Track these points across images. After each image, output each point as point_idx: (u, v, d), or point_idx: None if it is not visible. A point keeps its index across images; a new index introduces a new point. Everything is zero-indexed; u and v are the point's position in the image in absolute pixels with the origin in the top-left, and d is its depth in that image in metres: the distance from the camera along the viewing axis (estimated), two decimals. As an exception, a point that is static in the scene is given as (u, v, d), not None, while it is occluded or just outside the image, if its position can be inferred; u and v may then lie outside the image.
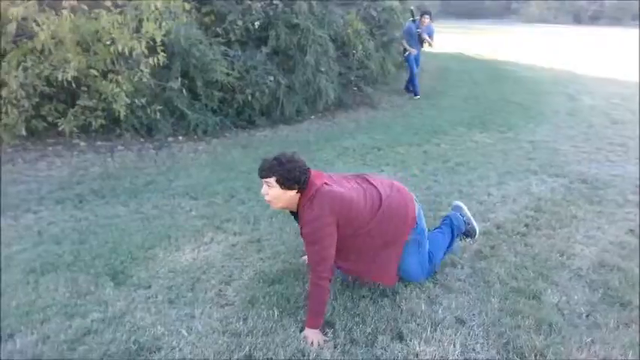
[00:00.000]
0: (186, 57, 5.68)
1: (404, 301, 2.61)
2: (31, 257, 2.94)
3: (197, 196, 4.02)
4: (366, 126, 6.80)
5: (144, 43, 4.98)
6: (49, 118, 5.14)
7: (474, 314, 2.52)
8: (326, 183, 2.39)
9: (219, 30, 6.20)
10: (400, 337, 2.33)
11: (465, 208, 3.16)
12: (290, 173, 2.30)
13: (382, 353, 2.21)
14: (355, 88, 8.13)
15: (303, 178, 2.33)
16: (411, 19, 8.56)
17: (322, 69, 6.86)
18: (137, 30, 5.06)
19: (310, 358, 2.16)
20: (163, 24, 5.07)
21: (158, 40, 5.07)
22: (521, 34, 26.47)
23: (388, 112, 7.74)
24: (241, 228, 3.45)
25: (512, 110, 7.79)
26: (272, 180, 2.32)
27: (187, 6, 5.63)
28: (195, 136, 5.75)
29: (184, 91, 5.69)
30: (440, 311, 2.55)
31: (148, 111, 5.44)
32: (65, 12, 4.64)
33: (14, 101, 4.68)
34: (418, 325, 2.42)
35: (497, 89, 9.77)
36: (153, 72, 5.32)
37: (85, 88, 5.16)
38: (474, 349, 2.27)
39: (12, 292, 2.60)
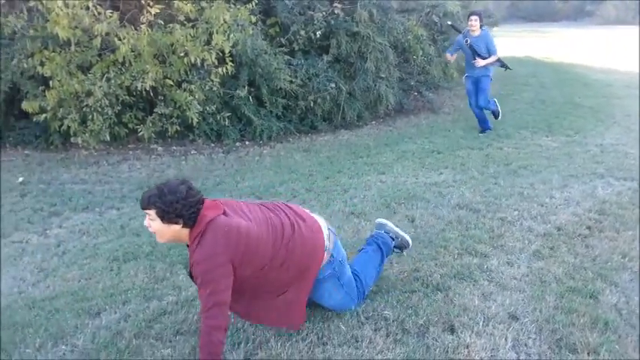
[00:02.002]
0: (253, 66, 5.99)
1: (457, 296, 2.68)
2: (115, 247, 3.28)
3: (261, 195, 4.27)
4: (427, 130, 6.83)
5: (214, 55, 5.33)
6: (130, 125, 5.60)
7: (527, 311, 2.55)
8: (224, 213, 2.08)
9: (283, 40, 6.49)
10: (452, 330, 2.40)
11: (388, 223, 2.94)
12: (171, 206, 1.98)
13: (433, 343, 2.30)
14: (416, 94, 8.17)
15: (188, 212, 2.00)
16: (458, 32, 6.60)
17: (382, 75, 6.98)
18: (208, 42, 5.42)
19: (364, 344, 2.29)
20: (231, 36, 5.40)
21: (227, 51, 5.40)
22: (595, 36, 25.21)
23: (450, 116, 7.72)
24: (302, 225, 3.63)
25: (581, 114, 7.53)
26: (152, 212, 2.02)
27: (253, 18, 5.94)
28: (261, 141, 6.04)
29: (251, 98, 6.01)
30: (493, 307, 2.59)
31: (218, 118, 5.80)
32: (143, 27, 5.06)
33: (99, 109, 5.16)
34: (470, 319, 2.48)
35: (565, 92, 9.46)
36: (222, 81, 5.67)
37: (161, 97, 5.58)
38: (525, 344, 2.31)
39: (98, 276, 2.92)
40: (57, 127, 5.33)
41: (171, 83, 5.44)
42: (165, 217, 2.01)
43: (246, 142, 6.05)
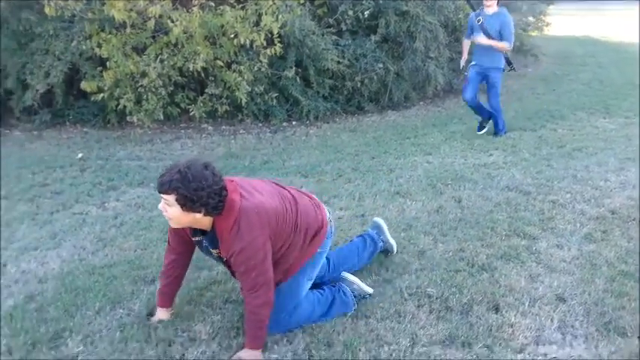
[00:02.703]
0: (300, 47, 6.01)
1: (503, 277, 2.66)
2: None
3: (307, 174, 4.33)
4: (477, 112, 6.67)
5: (263, 36, 5.38)
6: (182, 105, 5.77)
7: (575, 293, 2.50)
8: (241, 195, 1.97)
9: (330, 20, 6.46)
10: (496, 309, 2.39)
11: (356, 281, 2.49)
12: (195, 194, 1.82)
13: (477, 321, 2.30)
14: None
15: (214, 201, 1.86)
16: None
17: (432, 55, 6.85)
18: (257, 23, 5.47)
19: (406, 319, 2.32)
20: (280, 17, 5.43)
21: (275, 32, 5.44)
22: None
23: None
24: (347, 204, 3.67)
25: (643, 94, 7.14)
26: (170, 198, 1.86)
27: (302, -1, 5.96)
28: (307, 121, 6.09)
29: (298, 79, 6.04)
30: (540, 288, 2.56)
31: (266, 98, 5.88)
32: (195, 9, 5.17)
33: (153, 89, 5.33)
34: (516, 299, 2.46)
35: (625, 73, 8.98)
36: (270, 62, 5.73)
37: (212, 78, 5.71)
38: (572, 326, 2.28)
39: (153, 247, 3.06)
40: (114, 107, 5.56)
41: (221, 64, 5.55)
42: (187, 204, 1.84)
43: (293, 123, 6.12)
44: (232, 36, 5.37)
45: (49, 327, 2.28)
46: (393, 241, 2.87)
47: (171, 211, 1.90)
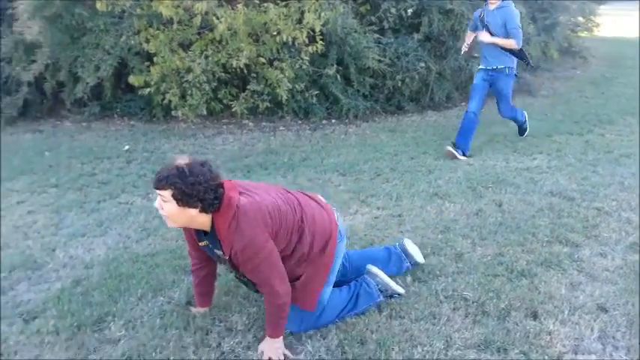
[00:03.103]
0: (342, 45, 6.02)
1: (543, 283, 2.60)
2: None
3: (345, 172, 4.34)
4: (521, 114, 6.52)
5: (305, 33, 5.42)
6: (225, 101, 5.88)
7: (618, 304, 2.43)
8: (240, 193, 1.98)
9: (373, 18, 6.43)
10: (534, 316, 2.35)
11: (380, 274, 2.47)
12: (192, 188, 1.84)
13: (514, 327, 2.26)
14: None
15: (209, 197, 1.87)
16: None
17: (476, 54, 6.72)
18: (299, 21, 5.51)
19: (441, 321, 2.31)
20: (322, 14, 5.45)
21: (317, 29, 5.47)
22: None
23: (548, 99, 7.29)
24: (384, 203, 3.67)
25: (700, 100, 6.81)
26: (167, 194, 1.87)
27: (344, -5, 5.97)
28: (347, 120, 6.09)
29: (339, 77, 6.05)
30: (581, 297, 2.49)
31: (306, 95, 5.92)
32: (240, 6, 5.26)
33: (197, 85, 5.46)
34: (555, 307, 2.41)
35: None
36: (311, 59, 5.76)
37: (254, 75, 5.79)
38: (613, 337, 2.21)
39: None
40: (159, 101, 5.72)
41: (264, 61, 5.62)
42: (184, 199, 1.85)
43: (333, 120, 6.13)
44: (275, 33, 5.43)
45: (93, 311, 2.39)
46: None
47: (168, 208, 1.91)
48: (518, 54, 4.61)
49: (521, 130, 5.25)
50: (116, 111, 6.21)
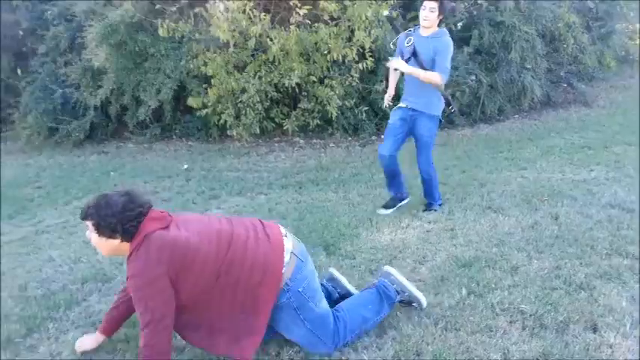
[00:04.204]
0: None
1: (602, 296, 2.54)
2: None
3: (396, 187, 4.37)
4: (577, 125, 6.35)
5: (355, 51, 5.55)
6: (276, 120, 6.07)
7: (685, 318, 2.34)
8: (167, 227, 1.95)
9: (422, 34, 6.48)
10: (594, 329, 2.30)
11: (395, 274, 2.46)
12: (105, 220, 1.89)
13: (573, 340, 2.22)
14: (566, 85, 7.61)
15: (123, 227, 1.89)
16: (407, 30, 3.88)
17: (528, 66, 6.64)
18: (349, 39, 5.65)
19: (498, 334, 2.30)
20: (372, 32, 5.57)
21: (367, 47, 5.58)
22: None
23: (605, 110, 7.07)
24: (436, 217, 3.68)
25: None
26: (90, 224, 1.94)
27: (394, 13, 6.05)
28: (397, 135, 6.12)
29: (388, 93, 6.11)
30: (644, 311, 2.42)
31: (356, 112, 6.03)
32: (292, 27, 5.45)
33: (251, 105, 5.68)
34: (616, 320, 2.35)
35: None
36: (361, 76, 5.87)
37: (305, 93, 5.96)
38: (681, 352, 2.13)
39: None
40: (215, 121, 5.98)
41: (314, 79, 5.78)
42: (100, 231, 1.92)
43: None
44: (325, 52, 5.59)
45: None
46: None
47: (93, 238, 1.97)
48: (445, 98, 3.71)
49: (430, 204, 3.88)
50: (175, 132, 6.53)
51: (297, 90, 5.86)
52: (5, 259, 3.34)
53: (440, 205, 3.87)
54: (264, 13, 5.49)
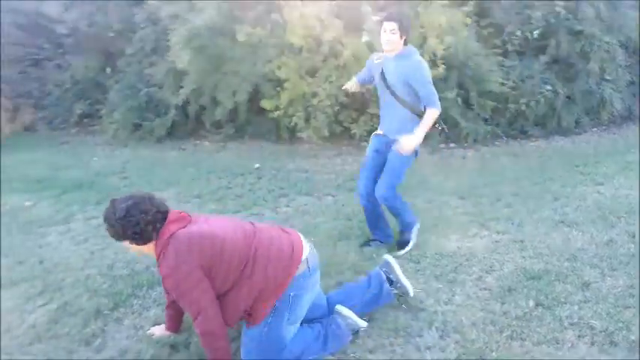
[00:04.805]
0: (463, 68, 6.04)
1: (682, 319, 2.44)
2: (331, 227, 3.75)
3: (464, 196, 4.36)
4: (662, 140, 6.01)
5: (427, 58, 5.54)
6: (345, 124, 6.17)
7: None
8: (184, 225, 2.05)
9: (497, 41, 6.38)
10: (671, 352, 2.22)
11: (350, 315, 2.38)
12: (112, 229, 2.04)
13: (645, 361, 2.17)
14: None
15: (129, 232, 2.01)
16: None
17: (608, 77, 6.36)
18: (421, 46, 5.65)
19: (565, 347, 2.28)
20: (445, 39, 5.55)
21: (439, 54, 5.57)
22: None
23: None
24: (505, 228, 3.64)
25: None
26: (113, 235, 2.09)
27: (468, 21, 6.00)
28: (466, 144, 6.07)
29: (459, 100, 6.07)
30: None
31: (425, 119, 6.01)
32: (364, 33, 5.54)
33: (321, 108, 5.82)
34: (694, 344, 2.26)
35: None
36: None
37: (374, 98, 6.02)
38: None
39: (317, 249, 3.32)
40: (287, 123, 6.17)
41: (385, 85, 5.83)
42: (114, 237, 2.06)
43: (451, 144, 6.15)
44: (397, 58, 5.62)
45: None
46: (407, 282, 2.60)
47: (125, 245, 2.11)
48: (439, 123, 3.36)
49: (402, 242, 3.36)
50: (248, 132, 6.79)
51: (366, 95, 5.94)
52: (95, 240, 3.66)
53: (415, 226, 3.36)
54: (337, 20, 5.62)
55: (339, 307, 2.40)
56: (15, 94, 8.46)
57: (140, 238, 2.02)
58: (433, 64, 5.67)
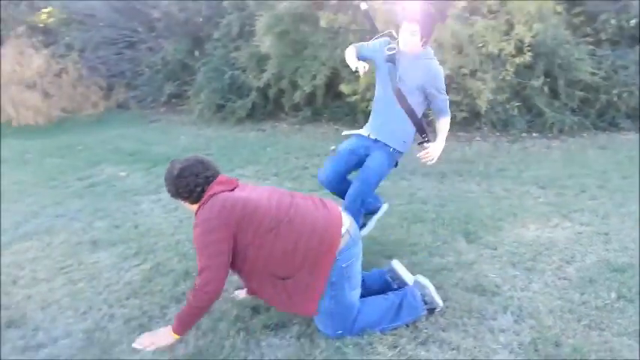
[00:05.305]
0: (551, 57, 5.80)
1: None
2: (404, 210, 3.79)
3: (546, 186, 4.22)
4: None
5: (512, 45, 5.39)
6: (423, 110, 6.13)
7: None
8: (231, 190, 2.17)
9: (588, 30, 6.05)
10: None
11: (429, 286, 2.40)
12: (167, 186, 2.23)
13: None
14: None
15: (178, 190, 2.18)
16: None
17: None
18: (507, 32, 5.49)
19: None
20: (534, 26, 5.35)
21: (526, 41, 5.38)
22: None
23: None
24: (589, 220, 3.50)
25: None
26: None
27: (559, 8, 5.74)
28: (550, 134, 5.84)
29: (545, 89, 5.84)
30: None
31: (507, 107, 5.85)
32: (449, 20, 5.46)
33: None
34: None
35: None
36: (517, 71, 5.68)
37: (454, 85, 5.92)
38: None
39: (390, 230, 3.44)
40: (363, 108, 6.21)
41: (466, 72, 5.72)
42: (170, 195, 2.24)
43: (533, 134, 5.93)
44: (480, 45, 5.50)
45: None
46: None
47: (179, 202, 2.26)
48: (420, 125, 3.00)
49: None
50: (324, 116, 6.92)
51: (446, 82, 5.84)
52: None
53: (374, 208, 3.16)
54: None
55: (420, 277, 2.45)
56: (110, 74, 9.14)
57: (189, 197, 2.18)
58: (519, 51, 5.50)
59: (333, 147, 5.76)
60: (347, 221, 2.25)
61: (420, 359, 2.15)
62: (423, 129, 2.99)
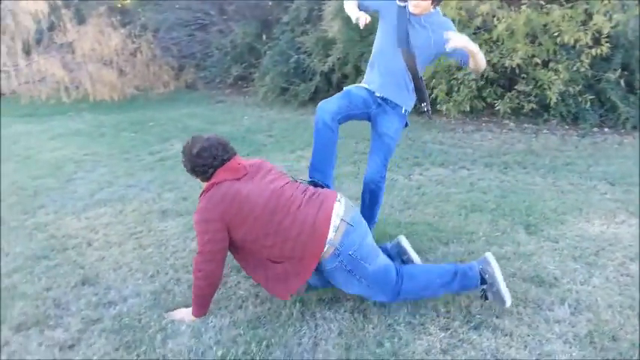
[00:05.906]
0: (631, 49, 5.51)
1: None
2: (464, 199, 3.77)
3: (614, 182, 4.06)
4: None
5: (589, 35, 5.15)
6: (488, 99, 6.00)
7: None
8: (236, 179, 2.23)
9: (676, 21, 5.67)
10: None
11: (493, 263, 2.32)
12: (192, 167, 2.29)
13: None
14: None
15: (193, 168, 2.29)
16: None
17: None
18: (584, 22, 5.25)
19: None
20: (614, 16, 5.09)
21: (605, 32, 5.13)
22: None
23: None
24: (660, 219, 3.36)
25: None
26: None
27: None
28: (623, 130, 5.57)
29: (621, 83, 5.56)
30: None
31: (579, 100, 5.62)
32: (523, 7, 5.28)
33: (465, 82, 5.72)
34: None
35: None
36: (592, 62, 5.43)
37: (523, 75, 5.76)
38: None
39: (449, 217, 3.44)
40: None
41: (538, 62, 5.54)
42: (185, 168, 2.33)
43: (605, 129, 5.68)
44: (555, 34, 5.30)
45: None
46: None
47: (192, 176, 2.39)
48: (422, 89, 2.78)
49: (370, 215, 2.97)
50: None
51: (516, 71, 5.70)
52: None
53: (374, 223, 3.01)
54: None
55: (488, 255, 2.36)
56: (181, 55, 9.52)
57: (202, 175, 2.30)
58: (596, 42, 5.26)
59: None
60: (341, 209, 2.24)
61: (473, 343, 2.18)
62: (424, 94, 2.81)
